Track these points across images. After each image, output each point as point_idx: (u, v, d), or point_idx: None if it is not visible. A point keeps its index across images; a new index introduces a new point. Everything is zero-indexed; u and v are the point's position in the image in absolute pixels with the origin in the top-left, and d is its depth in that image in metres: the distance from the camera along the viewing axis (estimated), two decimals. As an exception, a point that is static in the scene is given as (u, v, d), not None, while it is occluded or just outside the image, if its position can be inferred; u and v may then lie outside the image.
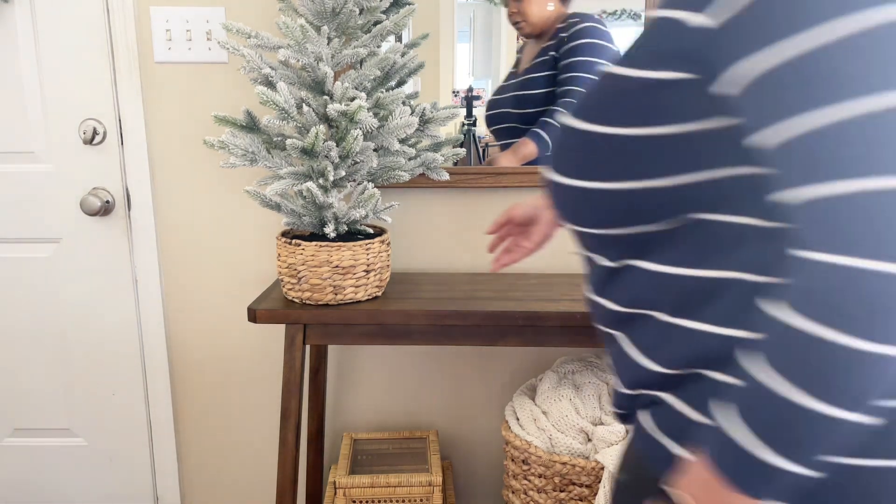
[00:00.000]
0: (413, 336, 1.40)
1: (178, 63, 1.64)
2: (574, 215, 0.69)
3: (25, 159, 1.69)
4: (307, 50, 1.31)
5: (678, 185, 0.60)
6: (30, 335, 1.79)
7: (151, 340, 1.78)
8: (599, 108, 0.63)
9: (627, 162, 0.61)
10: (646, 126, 0.59)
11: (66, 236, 1.73)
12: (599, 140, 0.63)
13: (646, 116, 0.59)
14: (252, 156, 1.35)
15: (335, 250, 1.35)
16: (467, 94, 1.68)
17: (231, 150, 1.34)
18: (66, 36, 1.62)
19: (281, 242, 1.39)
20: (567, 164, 0.67)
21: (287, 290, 1.41)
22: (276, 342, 1.79)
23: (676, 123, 0.58)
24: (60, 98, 1.65)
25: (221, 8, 1.60)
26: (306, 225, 1.40)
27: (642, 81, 0.59)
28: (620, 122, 0.61)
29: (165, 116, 1.67)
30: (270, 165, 1.37)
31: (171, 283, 1.76)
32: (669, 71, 0.57)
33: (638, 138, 0.60)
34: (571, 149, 0.67)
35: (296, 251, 1.36)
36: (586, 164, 0.65)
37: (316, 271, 1.36)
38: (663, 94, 0.58)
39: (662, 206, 0.62)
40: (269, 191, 1.32)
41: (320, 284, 1.36)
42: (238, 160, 1.36)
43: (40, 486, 1.89)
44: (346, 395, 1.83)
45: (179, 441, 1.86)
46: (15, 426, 1.85)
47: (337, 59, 1.35)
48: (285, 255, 1.38)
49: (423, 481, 1.53)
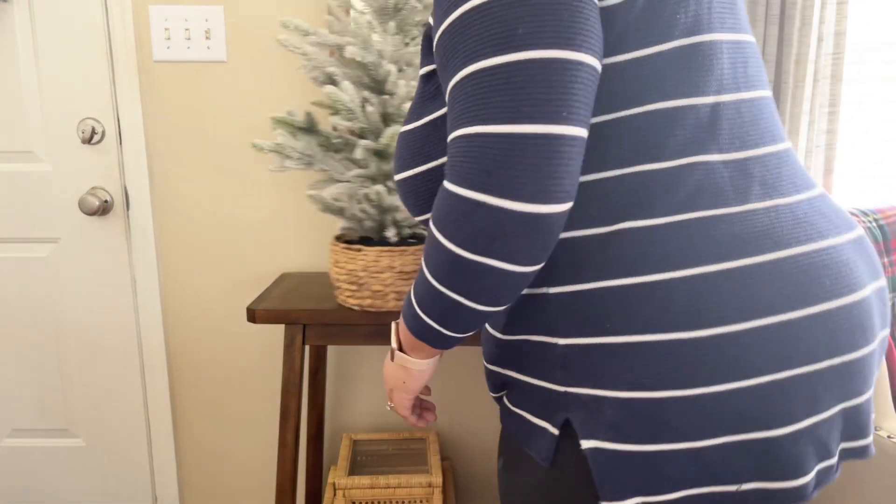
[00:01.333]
0: (413, 336, 1.39)
1: (176, 62, 1.63)
2: (405, 205, 0.81)
3: (24, 159, 1.68)
4: (373, 47, 1.26)
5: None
6: (28, 335, 1.78)
7: (150, 340, 1.78)
8: (410, 111, 0.76)
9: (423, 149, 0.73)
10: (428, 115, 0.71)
11: (65, 236, 1.72)
12: (407, 136, 0.75)
13: (428, 106, 0.71)
14: (309, 159, 1.31)
15: (398, 255, 1.30)
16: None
17: (288, 153, 1.30)
18: (65, 35, 1.61)
19: (339, 248, 1.33)
20: (395, 164, 0.80)
21: (346, 298, 1.36)
22: (275, 342, 1.79)
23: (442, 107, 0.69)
24: (59, 97, 1.64)
25: (220, 7, 1.60)
26: (367, 230, 1.35)
27: (419, 79, 0.72)
28: (415, 119, 0.73)
29: (164, 116, 1.66)
30: (327, 168, 1.32)
31: (170, 282, 1.76)
32: (428, 63, 0.70)
33: (426, 125, 0.72)
34: (396, 151, 0.79)
35: (357, 256, 1.31)
36: (400, 161, 0.77)
37: (378, 277, 1.31)
38: (429, 84, 0.70)
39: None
40: (327, 193, 1.28)
41: (382, 291, 1.32)
42: (294, 163, 1.32)
43: (39, 487, 1.88)
44: (345, 396, 1.82)
45: (178, 441, 1.86)
46: (13, 426, 1.84)
47: (395, 56, 1.30)
48: (344, 261, 1.32)
49: (424, 482, 1.52)
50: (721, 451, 0.60)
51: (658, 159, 0.61)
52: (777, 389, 0.59)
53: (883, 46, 1.72)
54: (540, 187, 0.54)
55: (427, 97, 0.72)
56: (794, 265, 0.60)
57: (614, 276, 0.61)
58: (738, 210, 0.60)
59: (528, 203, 0.54)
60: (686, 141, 0.61)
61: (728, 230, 0.60)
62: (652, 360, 0.59)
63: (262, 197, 1.70)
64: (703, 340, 0.58)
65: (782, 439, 0.60)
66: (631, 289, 0.60)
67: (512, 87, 0.54)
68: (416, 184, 0.75)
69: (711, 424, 0.59)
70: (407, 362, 0.76)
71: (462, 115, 0.57)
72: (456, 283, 0.61)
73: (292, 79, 1.64)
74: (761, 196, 0.62)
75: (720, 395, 0.59)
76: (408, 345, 0.74)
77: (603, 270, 0.61)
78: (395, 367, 0.78)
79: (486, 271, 0.58)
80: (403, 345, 0.75)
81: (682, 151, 0.61)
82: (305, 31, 1.30)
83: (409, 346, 0.74)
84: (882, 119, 1.76)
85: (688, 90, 0.61)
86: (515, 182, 0.54)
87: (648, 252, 0.60)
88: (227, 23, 1.61)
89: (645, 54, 0.60)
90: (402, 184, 0.77)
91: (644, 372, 0.59)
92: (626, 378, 0.60)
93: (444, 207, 0.58)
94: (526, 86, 0.53)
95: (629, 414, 0.60)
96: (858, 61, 1.73)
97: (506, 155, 0.54)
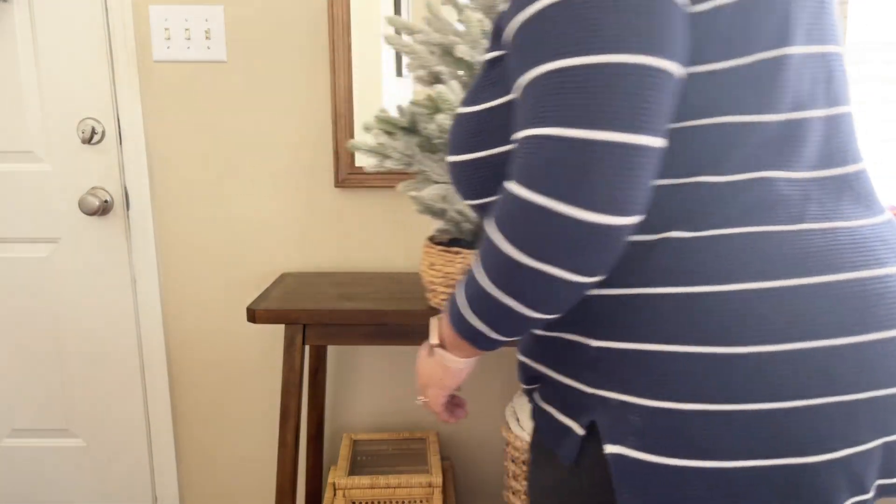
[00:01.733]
0: (413, 336, 1.39)
1: (176, 62, 1.63)
2: (458, 189, 0.80)
3: (24, 159, 1.68)
4: (480, 45, 1.24)
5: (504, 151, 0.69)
6: (28, 335, 1.78)
7: (150, 340, 1.78)
8: (469, 93, 0.74)
9: (481, 134, 0.71)
10: (491, 100, 0.69)
11: (65, 236, 1.72)
12: (463, 119, 0.73)
13: (491, 91, 0.69)
14: (408, 159, 1.30)
15: None
16: (467, 93, 1.67)
17: (389, 153, 1.30)
18: (65, 35, 1.61)
19: (436, 250, 1.32)
20: (448, 144, 0.78)
21: (441, 301, 1.35)
22: (275, 342, 1.79)
23: (507, 94, 0.66)
24: (59, 97, 1.64)
25: (220, 7, 1.60)
26: (465, 232, 1.34)
27: (484, 64, 0.70)
28: (474, 103, 0.72)
29: (164, 115, 1.66)
30: (426, 169, 1.31)
31: (170, 282, 1.76)
32: (496, 49, 0.68)
33: (484, 111, 0.70)
34: (451, 132, 0.77)
35: (455, 259, 1.30)
36: (454, 142, 0.75)
37: None
38: (495, 70, 0.68)
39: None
40: (426, 194, 1.27)
41: None
42: (393, 163, 1.31)
43: (38, 487, 1.88)
44: (345, 396, 1.82)
45: (178, 441, 1.86)
46: (13, 426, 1.84)
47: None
48: (441, 264, 1.31)
49: (424, 482, 1.52)
50: (749, 475, 0.58)
51: (719, 173, 0.59)
52: (815, 415, 0.57)
53: (883, 46, 1.72)
54: (615, 198, 0.52)
55: (489, 82, 0.69)
56: (847, 290, 0.58)
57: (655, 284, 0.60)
58: (792, 229, 0.59)
59: (601, 214, 0.52)
60: (750, 157, 0.59)
61: (778, 248, 0.58)
62: (683, 370, 0.58)
63: (263, 197, 1.70)
64: (740, 357, 0.57)
65: (816, 467, 0.58)
66: (670, 298, 0.59)
67: (593, 90, 0.52)
68: (468, 169, 0.73)
69: (742, 445, 0.57)
70: (447, 360, 0.74)
71: (537, 114, 0.54)
72: (511, 287, 0.59)
73: (292, 79, 1.64)
74: (819, 217, 0.60)
75: (754, 415, 0.57)
76: (449, 343, 0.73)
77: (645, 277, 0.60)
78: (433, 363, 0.77)
79: (545, 279, 0.56)
80: (445, 342, 0.74)
81: (745, 167, 0.59)
82: (410, 28, 1.28)
83: (451, 344, 0.73)
84: (882, 119, 1.76)
85: (760, 106, 0.59)
86: (590, 191, 0.52)
87: (691, 263, 0.59)
88: (227, 23, 1.61)
89: (723, 67, 0.59)
90: (455, 166, 0.75)
91: (674, 382, 0.58)
92: (655, 386, 0.59)
93: (509, 210, 0.56)
94: (608, 90, 0.51)
95: (656, 423, 0.59)
96: (858, 61, 1.73)
97: (583, 162, 0.52)
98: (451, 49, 1.24)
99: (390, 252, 1.73)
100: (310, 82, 1.64)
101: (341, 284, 1.57)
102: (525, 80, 0.57)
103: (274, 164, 1.69)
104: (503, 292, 0.60)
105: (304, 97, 1.65)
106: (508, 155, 0.67)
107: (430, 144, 1.31)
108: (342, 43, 1.58)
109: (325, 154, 1.68)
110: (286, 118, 1.66)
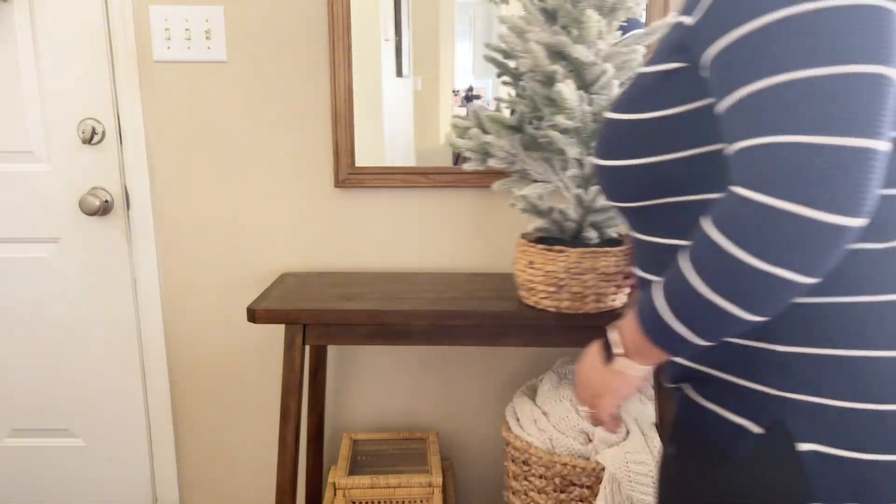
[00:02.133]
0: (413, 336, 1.39)
1: (177, 62, 1.64)
2: (609, 191, 0.84)
3: (24, 159, 1.68)
4: (595, 46, 1.24)
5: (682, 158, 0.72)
6: (28, 335, 1.78)
7: (150, 340, 1.78)
8: (627, 100, 0.78)
9: (646, 141, 0.75)
10: (661, 109, 0.73)
11: (65, 236, 1.72)
12: (623, 125, 0.77)
13: (661, 101, 0.73)
14: (512, 157, 1.31)
15: (603, 256, 1.28)
16: (467, 93, 1.67)
17: (494, 151, 1.30)
18: (65, 35, 1.61)
19: (537, 249, 1.31)
20: (601, 148, 0.82)
21: (540, 299, 1.34)
22: (275, 342, 1.79)
23: (681, 105, 0.71)
24: (59, 97, 1.65)
25: (220, 7, 1.60)
26: (566, 232, 1.35)
27: (656, 74, 0.74)
28: (640, 110, 0.75)
29: (164, 115, 1.67)
30: (528, 168, 1.32)
31: (170, 282, 1.76)
32: (674, 62, 0.71)
33: (653, 120, 0.73)
34: (605, 137, 0.81)
35: (558, 258, 1.29)
36: (610, 147, 0.79)
37: (579, 279, 1.30)
38: (670, 81, 0.72)
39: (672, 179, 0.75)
40: (529, 192, 1.28)
41: (582, 292, 1.31)
42: (497, 162, 1.32)
43: (39, 487, 1.88)
44: (345, 396, 1.82)
45: (178, 441, 1.86)
46: (13, 426, 1.84)
47: (608, 55, 1.27)
48: (542, 262, 1.31)
49: (424, 482, 1.52)
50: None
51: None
52: None
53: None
54: (855, 201, 0.55)
55: (659, 92, 0.73)
56: None
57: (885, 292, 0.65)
58: None
59: (842, 216, 0.55)
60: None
61: None
62: (885, 374, 0.64)
63: (263, 197, 1.71)
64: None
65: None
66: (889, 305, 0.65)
67: (834, 98, 0.55)
68: (629, 174, 0.76)
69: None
70: (629, 368, 0.76)
71: (773, 124, 0.57)
72: (733, 291, 0.60)
73: (292, 79, 1.64)
74: None
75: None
76: (634, 350, 0.74)
77: (873, 285, 0.65)
78: (608, 372, 0.78)
79: (774, 282, 0.58)
80: (628, 350, 0.75)
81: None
82: (522, 29, 1.28)
83: (637, 351, 0.74)
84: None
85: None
86: (835, 194, 0.54)
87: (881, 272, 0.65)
88: (228, 23, 1.62)
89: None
90: (608, 170, 0.79)
91: (874, 385, 0.64)
92: (854, 390, 0.64)
93: (740, 215, 0.58)
94: (849, 98, 0.55)
95: (851, 423, 0.64)
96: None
97: (828, 166, 0.54)
98: (563, 49, 1.23)
99: (390, 252, 1.73)
100: (310, 82, 1.64)
101: (341, 284, 1.57)
102: (745, 92, 0.60)
103: (274, 164, 1.69)
104: (721, 296, 0.61)
105: (304, 97, 1.65)
106: (674, 163, 0.73)
107: (534, 144, 1.31)
108: (342, 43, 1.58)
109: (325, 154, 1.68)
110: (286, 118, 1.66)
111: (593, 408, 0.83)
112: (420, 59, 1.65)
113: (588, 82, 1.26)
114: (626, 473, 1.31)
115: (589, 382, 0.81)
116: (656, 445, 1.35)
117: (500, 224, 1.71)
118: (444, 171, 1.65)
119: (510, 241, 1.71)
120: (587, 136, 1.25)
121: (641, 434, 1.40)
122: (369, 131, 1.65)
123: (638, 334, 0.72)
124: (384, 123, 1.67)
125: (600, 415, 0.83)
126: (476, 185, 1.65)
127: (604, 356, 0.79)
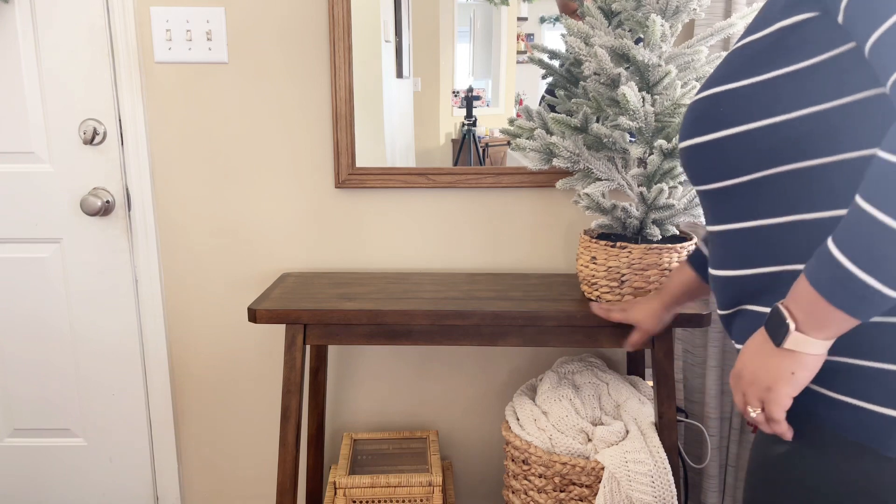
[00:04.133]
0: (413, 336, 1.40)
1: (178, 63, 1.64)
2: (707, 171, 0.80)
3: (26, 159, 1.69)
4: (658, 48, 1.26)
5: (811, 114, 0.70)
6: (30, 335, 1.79)
7: (151, 340, 1.78)
8: (726, 74, 0.76)
9: (763, 103, 0.72)
10: (787, 66, 0.71)
11: (67, 236, 1.73)
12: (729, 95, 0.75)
13: (786, 58, 0.71)
14: (576, 158, 1.34)
15: (666, 252, 1.31)
16: (467, 94, 1.68)
17: (559, 151, 1.33)
18: (66, 36, 1.62)
19: (600, 245, 1.35)
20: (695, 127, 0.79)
21: (601, 294, 1.37)
22: (276, 342, 1.79)
23: (815, 56, 0.69)
24: (60, 98, 1.65)
25: (221, 8, 1.61)
26: (628, 228, 1.37)
27: (771, 35, 0.73)
28: (754, 73, 0.73)
29: (165, 116, 1.67)
30: (591, 167, 1.35)
31: (172, 282, 1.76)
32: (797, 14, 0.70)
33: (780, 77, 0.72)
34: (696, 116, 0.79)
35: (620, 254, 1.32)
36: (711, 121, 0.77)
37: (642, 275, 1.32)
38: (795, 35, 0.70)
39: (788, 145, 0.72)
40: (592, 189, 1.31)
41: (644, 287, 1.33)
42: (562, 162, 1.34)
43: (40, 487, 1.88)
44: (346, 395, 1.83)
45: (179, 441, 1.86)
46: (15, 426, 1.85)
47: (671, 56, 1.30)
48: (604, 258, 1.34)
49: (424, 481, 1.53)
50: None
51: None
52: None
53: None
54: None
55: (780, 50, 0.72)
56: None
57: None
58: None
59: None
60: None
61: None
62: None
63: (264, 197, 1.71)
64: None
65: None
66: None
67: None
68: (735, 145, 0.75)
69: None
70: (805, 345, 0.68)
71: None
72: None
73: (293, 79, 1.65)
74: None
75: None
76: (811, 320, 0.67)
77: None
78: (780, 356, 0.71)
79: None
80: (803, 324, 0.68)
81: None
82: (586, 34, 1.31)
83: (813, 321, 0.67)
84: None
85: None
86: None
87: None
88: (229, 24, 1.62)
89: None
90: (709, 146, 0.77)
91: None
92: None
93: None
94: None
95: None
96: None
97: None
98: (627, 52, 1.26)
99: (391, 252, 1.74)
100: (310, 83, 1.65)
101: (342, 284, 1.57)
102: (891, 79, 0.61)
103: (275, 164, 1.69)
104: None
105: (305, 98, 1.66)
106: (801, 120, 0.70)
107: (598, 143, 1.34)
108: (342, 43, 1.59)
109: (325, 154, 1.68)
110: (287, 119, 1.67)
111: (766, 404, 0.74)
112: (420, 60, 1.65)
113: (651, 83, 1.28)
114: (625, 473, 1.32)
115: (757, 373, 0.73)
116: (655, 445, 1.36)
117: (500, 224, 1.71)
118: (444, 171, 1.66)
119: (510, 240, 1.72)
120: (650, 135, 1.27)
121: (640, 434, 1.40)
122: (370, 132, 1.66)
123: (813, 299, 0.66)
124: (384, 124, 1.67)
125: (773, 411, 0.73)
126: (475, 185, 1.66)
127: (772, 339, 0.71)
